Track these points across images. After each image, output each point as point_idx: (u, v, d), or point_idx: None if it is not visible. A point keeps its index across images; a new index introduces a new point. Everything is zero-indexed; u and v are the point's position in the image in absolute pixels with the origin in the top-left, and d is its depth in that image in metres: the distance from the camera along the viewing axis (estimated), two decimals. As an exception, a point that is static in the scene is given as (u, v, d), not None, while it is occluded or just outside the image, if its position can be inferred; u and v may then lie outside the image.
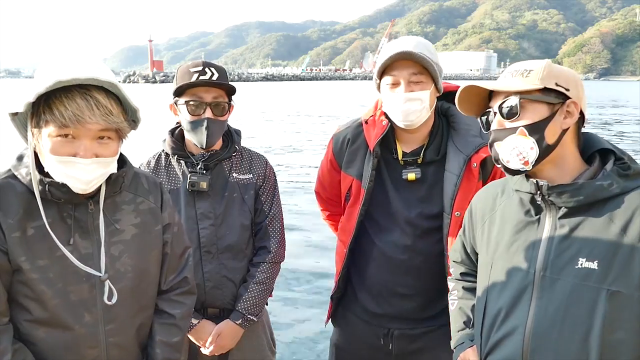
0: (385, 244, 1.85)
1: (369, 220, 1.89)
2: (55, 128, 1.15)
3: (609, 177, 1.19)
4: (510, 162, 1.25)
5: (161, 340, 1.45)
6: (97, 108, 1.15)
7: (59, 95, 1.14)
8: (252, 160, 2.00)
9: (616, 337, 1.14)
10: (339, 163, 1.96)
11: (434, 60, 1.70)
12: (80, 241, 1.27)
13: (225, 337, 1.88)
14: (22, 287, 1.22)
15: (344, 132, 1.96)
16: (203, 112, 1.80)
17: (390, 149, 1.85)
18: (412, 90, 1.69)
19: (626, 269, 1.14)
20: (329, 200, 2.10)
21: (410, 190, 1.83)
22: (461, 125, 1.82)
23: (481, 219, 1.47)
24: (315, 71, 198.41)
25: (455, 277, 1.66)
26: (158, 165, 1.93)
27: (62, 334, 1.25)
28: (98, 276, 1.27)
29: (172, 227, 1.49)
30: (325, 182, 2.05)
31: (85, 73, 1.14)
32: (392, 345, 1.89)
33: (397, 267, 1.84)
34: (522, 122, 1.23)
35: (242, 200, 1.92)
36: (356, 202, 1.88)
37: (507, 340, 1.29)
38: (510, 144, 1.23)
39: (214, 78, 1.79)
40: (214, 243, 1.87)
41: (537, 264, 1.25)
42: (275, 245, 1.97)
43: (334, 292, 2.03)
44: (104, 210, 1.31)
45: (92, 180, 1.21)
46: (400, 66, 1.69)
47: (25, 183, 1.23)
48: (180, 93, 1.83)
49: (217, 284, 1.88)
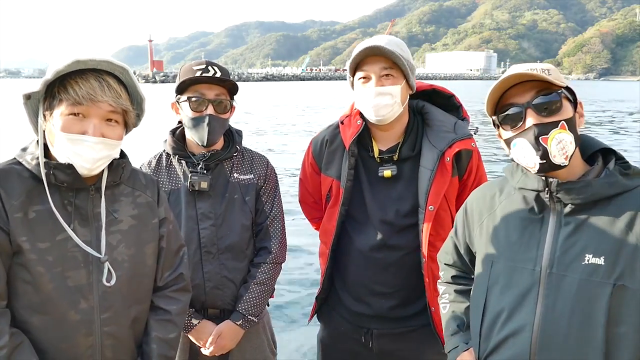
0: (362, 242, 1.87)
1: (349, 219, 1.91)
2: (69, 106, 1.24)
3: (612, 176, 1.21)
4: (557, 157, 1.22)
5: (157, 336, 1.46)
6: (109, 90, 1.27)
7: (74, 77, 1.25)
8: (253, 160, 2.00)
9: (619, 331, 1.14)
10: (318, 165, 1.98)
11: (405, 57, 1.73)
12: (79, 228, 1.31)
13: (226, 338, 1.88)
14: (20, 270, 1.24)
15: (322, 134, 2.00)
16: (205, 108, 1.81)
17: (367, 148, 1.88)
18: (382, 84, 1.72)
19: (632, 264, 1.15)
20: (316, 206, 2.11)
21: (387, 188, 1.85)
22: (435, 121, 1.84)
23: (478, 219, 1.46)
24: (315, 71, 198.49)
25: (445, 280, 1.64)
26: (159, 166, 1.94)
27: (56, 321, 1.27)
28: (97, 259, 1.30)
29: (167, 222, 1.52)
30: (309, 186, 2.07)
31: (100, 56, 1.25)
32: (373, 344, 1.92)
33: (374, 264, 1.86)
34: (559, 118, 1.23)
35: (243, 201, 1.92)
36: (336, 203, 1.90)
37: (512, 340, 1.27)
38: (556, 139, 1.21)
39: (217, 76, 1.81)
40: (215, 243, 1.87)
41: (543, 262, 1.25)
42: (276, 245, 1.97)
43: (319, 292, 2.05)
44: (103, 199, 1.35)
45: (98, 161, 1.28)
46: (371, 61, 1.72)
47: (30, 168, 1.28)
48: (183, 90, 1.84)
49: (217, 284, 1.88)
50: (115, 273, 1.33)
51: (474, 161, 1.85)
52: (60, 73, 1.23)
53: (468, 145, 1.79)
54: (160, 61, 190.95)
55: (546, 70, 1.24)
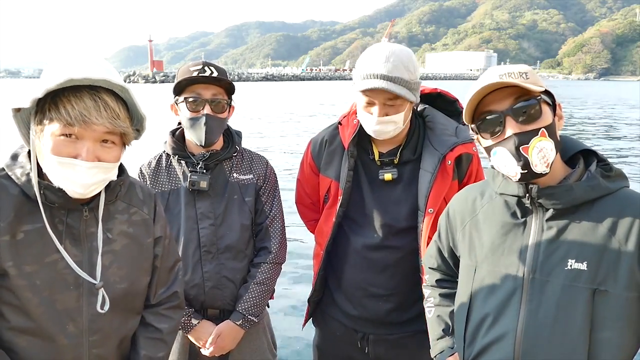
0: (359, 242, 1.86)
1: (346, 221, 1.90)
2: (60, 126, 1.12)
3: (594, 179, 1.19)
4: (538, 166, 1.19)
5: (146, 355, 1.41)
6: (105, 110, 1.14)
7: (67, 94, 1.12)
8: (252, 160, 2.00)
9: (603, 336, 1.14)
10: (317, 166, 1.97)
11: (411, 80, 1.67)
12: (70, 248, 1.24)
13: (226, 338, 1.88)
14: (6, 294, 1.18)
15: (322, 134, 1.99)
16: (202, 108, 1.81)
17: (367, 150, 1.87)
18: (386, 113, 1.69)
19: (614, 269, 1.14)
20: (313, 207, 2.09)
21: (387, 191, 1.84)
22: (437, 125, 1.83)
23: (461, 223, 1.45)
24: (315, 71, 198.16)
25: (430, 283, 1.63)
26: (159, 166, 1.94)
27: (44, 344, 1.21)
28: (87, 284, 1.24)
29: (163, 240, 1.46)
30: (307, 187, 2.05)
31: (97, 74, 1.12)
32: (369, 349, 1.91)
33: (370, 265, 1.85)
34: (538, 125, 1.19)
35: (243, 201, 1.92)
36: (334, 204, 1.89)
37: (496, 345, 1.27)
38: (537, 147, 1.19)
39: (213, 76, 1.81)
40: (214, 243, 1.87)
41: (525, 267, 1.24)
42: (276, 245, 1.97)
43: (312, 295, 2.04)
44: (97, 218, 1.28)
45: (91, 185, 1.18)
46: (376, 91, 1.66)
47: (20, 184, 1.19)
48: (180, 91, 1.84)
49: (217, 284, 1.88)
50: (107, 295, 1.26)
51: (474, 165, 1.85)
52: (49, 91, 1.11)
53: (469, 149, 1.78)
54: (160, 61, 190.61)
55: (524, 74, 1.20)
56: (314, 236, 2.05)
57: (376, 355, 1.90)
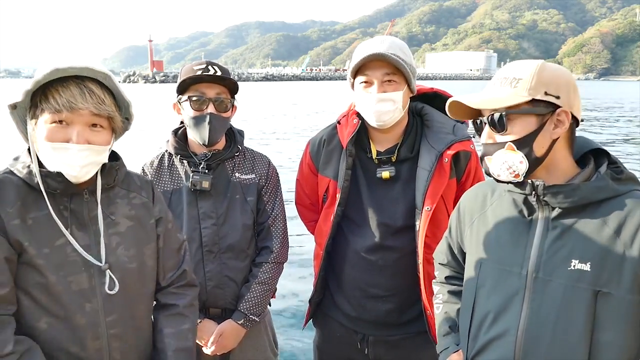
0: (358, 243, 1.86)
1: (345, 220, 1.90)
2: (50, 115, 1.23)
3: (603, 180, 1.18)
4: (501, 176, 1.23)
5: (169, 331, 1.46)
6: (90, 96, 1.24)
7: (55, 85, 1.23)
8: (254, 160, 2.01)
9: (604, 337, 1.14)
10: (316, 166, 1.97)
11: (407, 62, 1.72)
12: (77, 232, 1.30)
13: (227, 337, 1.88)
14: (29, 271, 1.24)
15: (320, 134, 2.00)
16: (206, 107, 1.82)
17: (365, 149, 1.87)
18: (384, 90, 1.71)
19: (618, 271, 1.14)
20: (312, 208, 2.09)
21: (385, 189, 1.84)
22: (434, 123, 1.84)
23: (470, 219, 1.46)
24: (315, 71, 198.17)
25: (439, 280, 1.64)
26: (161, 165, 1.95)
27: (64, 324, 1.27)
28: (97, 267, 1.30)
29: (164, 222, 1.51)
30: (306, 188, 2.06)
31: (80, 62, 1.23)
32: (369, 351, 1.91)
33: (370, 266, 1.85)
34: (509, 137, 1.21)
35: (245, 200, 1.93)
36: (332, 203, 1.89)
37: (497, 342, 1.27)
38: (499, 159, 1.22)
39: (217, 75, 1.81)
40: (216, 242, 1.88)
41: (529, 266, 1.24)
42: (278, 245, 1.97)
43: (312, 295, 2.04)
44: (97, 201, 1.34)
45: (85, 167, 1.26)
46: (374, 66, 1.71)
47: (22, 177, 1.27)
48: (184, 90, 1.85)
49: (219, 283, 1.89)
50: (116, 275, 1.33)
51: (472, 163, 1.85)
52: (39, 83, 1.22)
53: (467, 147, 1.79)
54: (160, 61, 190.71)
55: (515, 81, 1.21)
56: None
57: (376, 356, 1.91)
